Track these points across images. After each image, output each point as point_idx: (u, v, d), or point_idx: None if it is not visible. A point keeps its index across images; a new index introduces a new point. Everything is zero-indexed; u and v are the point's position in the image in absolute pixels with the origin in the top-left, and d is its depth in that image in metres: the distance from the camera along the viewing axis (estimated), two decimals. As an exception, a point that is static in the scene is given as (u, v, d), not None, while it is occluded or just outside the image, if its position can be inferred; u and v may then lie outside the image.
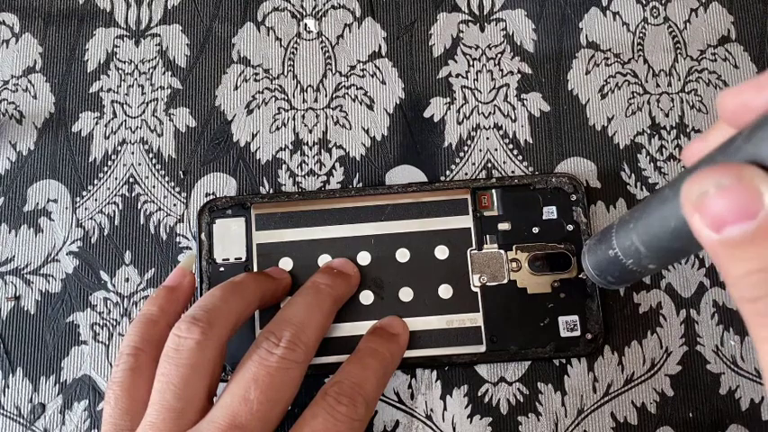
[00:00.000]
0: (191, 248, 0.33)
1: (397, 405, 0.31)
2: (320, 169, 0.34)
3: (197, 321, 0.25)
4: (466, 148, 0.34)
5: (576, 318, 0.31)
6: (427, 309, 0.31)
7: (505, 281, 0.31)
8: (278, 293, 0.30)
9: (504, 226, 0.32)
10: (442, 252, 0.31)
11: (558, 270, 0.31)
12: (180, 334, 0.25)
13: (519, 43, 0.35)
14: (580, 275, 0.31)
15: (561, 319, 0.31)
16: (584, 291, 0.31)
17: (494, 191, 0.32)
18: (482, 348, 0.31)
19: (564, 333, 0.31)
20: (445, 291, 0.31)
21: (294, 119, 0.35)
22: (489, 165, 0.34)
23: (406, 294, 0.31)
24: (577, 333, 0.31)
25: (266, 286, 0.29)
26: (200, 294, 0.31)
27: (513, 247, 0.32)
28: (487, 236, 0.32)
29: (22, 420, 0.32)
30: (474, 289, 0.31)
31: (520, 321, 0.31)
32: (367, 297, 0.31)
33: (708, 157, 0.18)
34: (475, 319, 0.31)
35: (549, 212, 0.32)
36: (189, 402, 0.24)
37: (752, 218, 0.15)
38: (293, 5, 0.36)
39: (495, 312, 0.31)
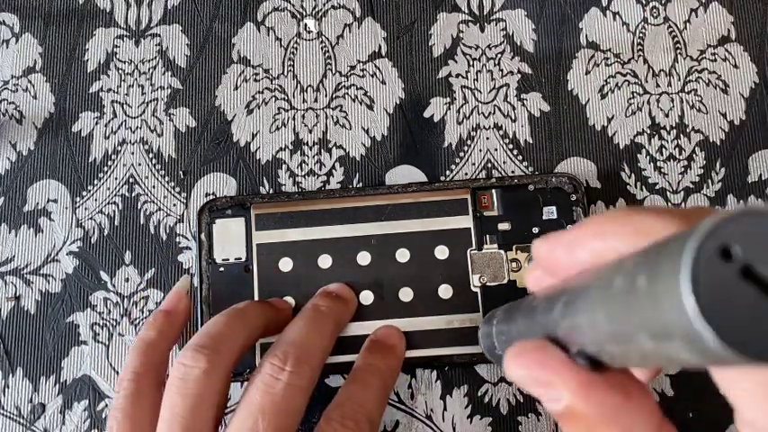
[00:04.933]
0: (190, 248, 0.33)
1: (397, 405, 0.31)
2: (320, 169, 0.34)
3: (202, 349, 0.25)
4: (466, 148, 0.34)
5: None
6: (427, 309, 0.31)
7: (505, 281, 0.31)
8: (280, 323, 0.30)
9: (504, 226, 0.32)
10: (441, 252, 0.31)
11: None
12: (186, 362, 0.25)
13: (519, 43, 0.35)
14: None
15: None
16: None
17: (494, 191, 0.32)
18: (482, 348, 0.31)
19: None
20: (445, 291, 0.31)
21: (294, 119, 0.35)
22: (489, 165, 0.34)
23: (406, 294, 0.31)
24: None
25: (269, 314, 0.29)
26: (201, 295, 0.31)
27: (514, 247, 0.32)
28: (487, 236, 0.32)
29: (22, 420, 0.32)
30: (474, 289, 0.31)
31: None
32: (367, 297, 0.31)
33: (530, 316, 0.19)
34: (475, 320, 0.31)
35: (549, 212, 0.32)
36: None
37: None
38: (293, 5, 0.36)
39: None
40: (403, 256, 0.32)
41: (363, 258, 0.32)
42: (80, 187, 0.34)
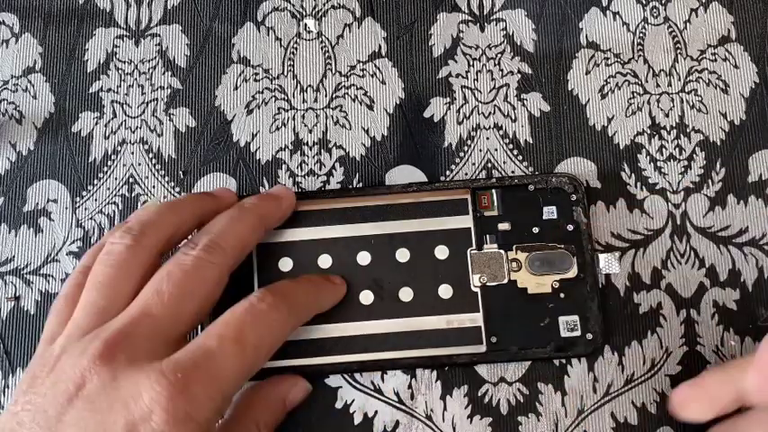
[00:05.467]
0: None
1: (397, 405, 0.31)
2: (320, 169, 0.34)
3: (130, 230, 0.27)
4: (466, 148, 0.34)
5: (576, 318, 0.31)
6: (427, 309, 0.31)
7: (506, 281, 0.31)
8: (220, 211, 0.31)
9: (504, 226, 0.32)
10: (442, 252, 0.31)
11: (558, 270, 0.31)
12: (113, 240, 0.27)
13: (519, 43, 0.35)
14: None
15: (561, 319, 0.31)
16: (584, 291, 0.31)
17: (494, 191, 0.32)
18: (482, 348, 0.31)
19: (564, 333, 0.31)
20: (445, 291, 0.31)
21: (294, 119, 0.35)
22: (489, 165, 0.34)
23: (406, 294, 0.31)
24: (578, 333, 0.31)
25: (206, 205, 0.30)
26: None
27: (514, 247, 0.32)
28: (487, 236, 0.32)
29: (21, 420, 0.32)
30: (474, 289, 0.31)
31: (520, 321, 0.31)
32: (367, 297, 0.31)
33: None
34: (475, 319, 0.31)
35: (550, 212, 0.32)
36: (113, 300, 0.26)
37: None
38: (293, 5, 0.36)
39: (495, 312, 0.31)
40: (403, 255, 0.32)
41: (363, 258, 0.32)
42: (80, 187, 0.34)
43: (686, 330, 0.32)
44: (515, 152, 0.34)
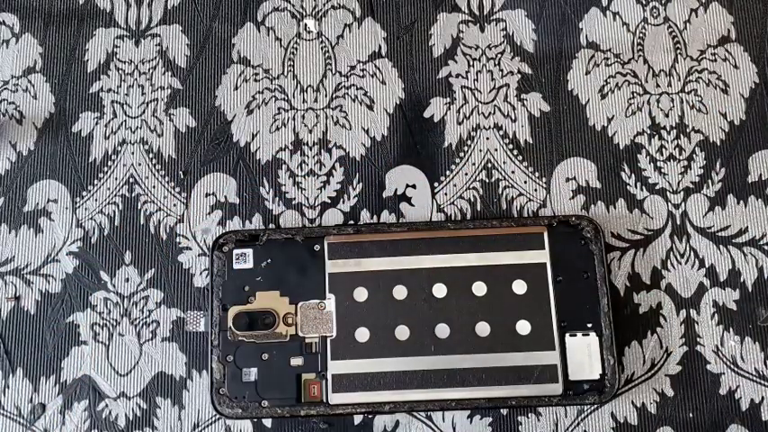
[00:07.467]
0: (190, 248, 0.33)
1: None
2: (320, 169, 0.34)
3: None
4: (466, 148, 0.34)
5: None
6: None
7: None
8: None
9: None
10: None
11: None
12: None
13: (519, 43, 0.35)
14: None
15: None
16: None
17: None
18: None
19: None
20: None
21: (294, 119, 0.35)
22: (489, 165, 0.34)
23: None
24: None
25: None
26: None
27: None
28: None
29: (22, 420, 0.32)
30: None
31: None
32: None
33: None
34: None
35: None
36: None
37: None
38: (293, 5, 0.36)
39: None
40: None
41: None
42: (80, 187, 0.34)
43: (686, 330, 0.32)
44: (515, 152, 0.34)
